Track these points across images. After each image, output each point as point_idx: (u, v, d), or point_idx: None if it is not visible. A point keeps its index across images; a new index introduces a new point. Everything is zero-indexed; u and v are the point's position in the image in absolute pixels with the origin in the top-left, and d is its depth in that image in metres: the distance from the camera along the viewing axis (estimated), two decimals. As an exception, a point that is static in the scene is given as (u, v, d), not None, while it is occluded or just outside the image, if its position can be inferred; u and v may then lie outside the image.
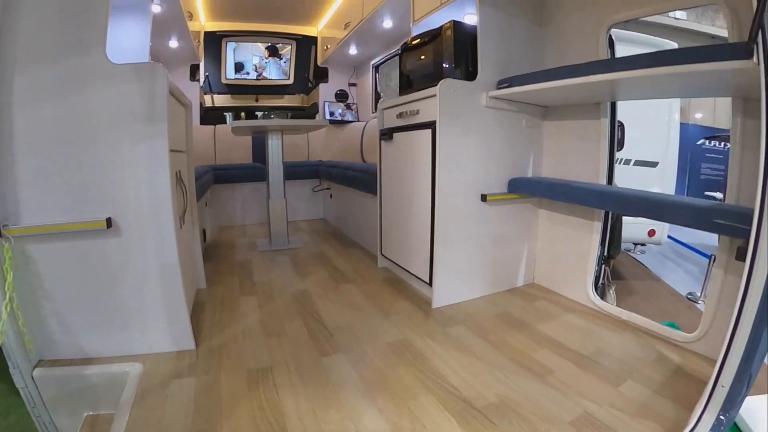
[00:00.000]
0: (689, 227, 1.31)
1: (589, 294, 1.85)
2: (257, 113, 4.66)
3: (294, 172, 3.79)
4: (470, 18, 2.20)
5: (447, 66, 1.89)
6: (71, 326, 1.41)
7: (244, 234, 3.48)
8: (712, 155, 5.57)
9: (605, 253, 1.95)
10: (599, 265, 1.89)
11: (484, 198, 1.88)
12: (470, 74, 1.88)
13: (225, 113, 4.26)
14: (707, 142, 5.52)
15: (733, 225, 1.15)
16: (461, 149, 1.81)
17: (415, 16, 2.35)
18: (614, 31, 1.76)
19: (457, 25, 1.85)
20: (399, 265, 2.22)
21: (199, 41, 3.74)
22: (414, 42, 2.12)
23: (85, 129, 1.33)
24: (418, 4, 2.32)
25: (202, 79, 3.98)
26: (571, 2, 1.87)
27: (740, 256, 0.97)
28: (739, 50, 0.96)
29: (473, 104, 1.84)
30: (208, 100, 4.11)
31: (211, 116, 4.05)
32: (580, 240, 1.90)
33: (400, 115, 2.08)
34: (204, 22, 3.96)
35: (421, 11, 2.29)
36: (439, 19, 2.18)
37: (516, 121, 1.97)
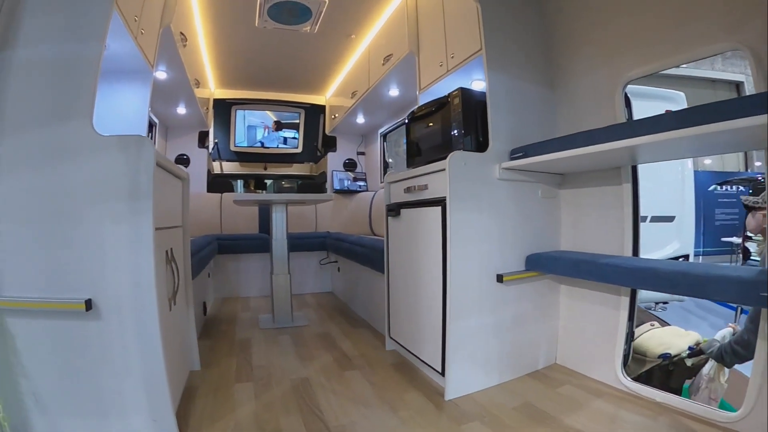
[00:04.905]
0: (734, 303, 1.24)
1: (618, 375, 1.74)
2: (266, 181, 4.84)
3: (301, 243, 3.83)
4: (478, 84, 2.30)
5: (456, 136, 1.94)
6: (49, 407, 1.37)
7: (247, 308, 3.44)
8: (725, 200, 5.54)
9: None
10: (628, 343, 1.78)
11: (500, 278, 1.83)
12: (481, 144, 1.92)
13: (233, 181, 4.41)
14: (719, 187, 5.53)
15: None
16: (473, 227, 1.79)
17: (421, 84, 2.47)
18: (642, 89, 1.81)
19: (464, 92, 1.92)
20: (409, 351, 2.13)
21: (207, 108, 3.99)
22: (421, 111, 2.19)
23: (66, 202, 1.34)
24: (424, 72, 2.45)
25: (211, 146, 4.19)
26: (583, 62, 1.95)
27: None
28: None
29: (485, 177, 1.85)
30: (216, 167, 4.28)
31: (219, 183, 4.20)
32: (606, 316, 1.82)
33: (407, 190, 2.10)
34: (213, 89, 4.25)
35: (427, 79, 2.41)
36: (446, 87, 2.29)
37: (531, 192, 1.98)
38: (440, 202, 1.79)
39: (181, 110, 3.48)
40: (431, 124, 2.13)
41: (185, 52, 2.55)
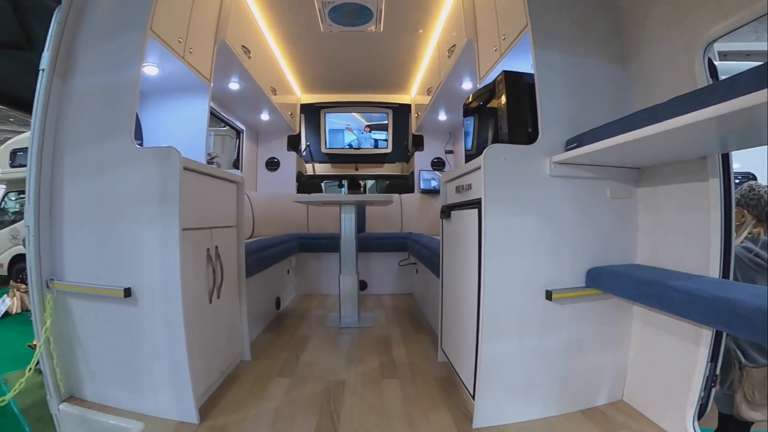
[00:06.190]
0: None
1: (687, 428, 1.34)
2: (361, 182, 4.98)
3: (382, 244, 3.83)
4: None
5: (501, 127, 1.71)
6: (96, 374, 1.64)
7: (323, 305, 3.57)
8: None
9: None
10: (707, 389, 1.34)
11: (549, 295, 1.54)
12: (531, 136, 1.65)
13: (322, 182, 4.63)
14: None
15: None
16: (517, 233, 1.54)
17: (480, 73, 2.24)
18: (724, 65, 1.36)
19: (509, 76, 1.69)
20: (452, 365, 1.95)
21: (292, 113, 4.24)
22: (472, 102, 1.99)
23: (113, 205, 1.58)
24: (482, 59, 2.23)
25: (303, 148, 4.47)
26: (655, 26, 1.56)
27: None
28: None
29: (532, 174, 1.58)
30: (309, 169, 4.54)
31: (309, 185, 4.44)
32: (682, 352, 1.41)
33: (457, 190, 1.92)
34: (300, 95, 4.51)
35: (485, 67, 2.19)
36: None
37: (596, 190, 1.63)
38: (477, 203, 1.58)
39: (265, 116, 3.77)
40: (480, 115, 1.92)
41: (252, 63, 2.75)
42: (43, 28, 1.62)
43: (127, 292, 1.53)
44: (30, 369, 1.50)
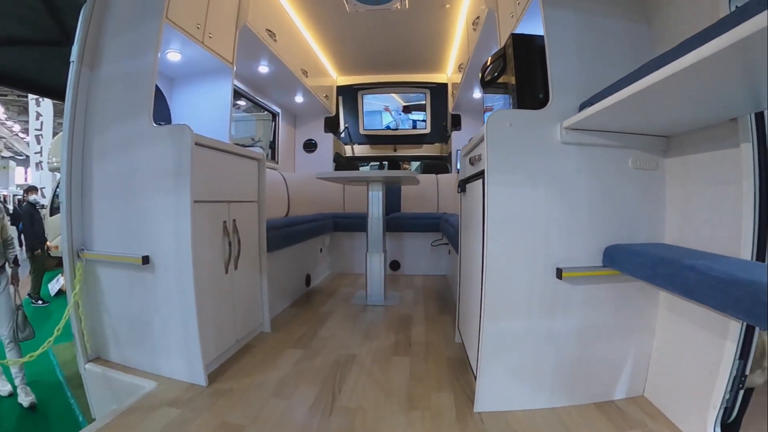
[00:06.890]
0: None
1: None
2: (404, 164, 4.91)
3: (416, 224, 3.76)
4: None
5: (511, 93, 1.57)
6: (120, 337, 1.76)
7: (353, 284, 3.59)
8: None
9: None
10: (734, 390, 1.14)
11: (559, 274, 1.41)
12: (543, 102, 1.51)
13: (361, 163, 4.61)
14: None
15: None
16: (524, 205, 1.42)
17: (501, 42, 2.07)
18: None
19: (518, 39, 1.56)
20: (464, 346, 1.86)
21: (327, 95, 4.25)
22: (487, 68, 1.85)
23: (134, 180, 1.67)
24: (502, 28, 2.06)
25: (341, 130, 4.47)
26: None
27: None
28: None
29: (542, 141, 1.44)
30: (348, 150, 4.55)
31: (349, 166, 4.45)
32: (706, 345, 1.23)
33: (471, 162, 1.81)
34: (336, 77, 4.48)
35: (504, 34, 2.02)
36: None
37: (616, 160, 1.46)
38: (482, 174, 1.48)
39: (299, 99, 3.81)
40: (494, 82, 1.79)
41: (279, 47, 2.78)
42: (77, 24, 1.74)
43: (145, 260, 1.62)
44: (58, 329, 1.64)
